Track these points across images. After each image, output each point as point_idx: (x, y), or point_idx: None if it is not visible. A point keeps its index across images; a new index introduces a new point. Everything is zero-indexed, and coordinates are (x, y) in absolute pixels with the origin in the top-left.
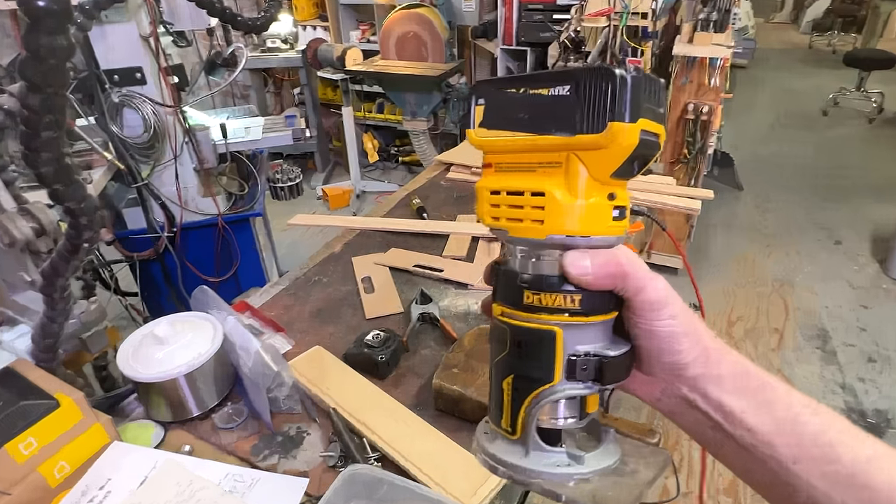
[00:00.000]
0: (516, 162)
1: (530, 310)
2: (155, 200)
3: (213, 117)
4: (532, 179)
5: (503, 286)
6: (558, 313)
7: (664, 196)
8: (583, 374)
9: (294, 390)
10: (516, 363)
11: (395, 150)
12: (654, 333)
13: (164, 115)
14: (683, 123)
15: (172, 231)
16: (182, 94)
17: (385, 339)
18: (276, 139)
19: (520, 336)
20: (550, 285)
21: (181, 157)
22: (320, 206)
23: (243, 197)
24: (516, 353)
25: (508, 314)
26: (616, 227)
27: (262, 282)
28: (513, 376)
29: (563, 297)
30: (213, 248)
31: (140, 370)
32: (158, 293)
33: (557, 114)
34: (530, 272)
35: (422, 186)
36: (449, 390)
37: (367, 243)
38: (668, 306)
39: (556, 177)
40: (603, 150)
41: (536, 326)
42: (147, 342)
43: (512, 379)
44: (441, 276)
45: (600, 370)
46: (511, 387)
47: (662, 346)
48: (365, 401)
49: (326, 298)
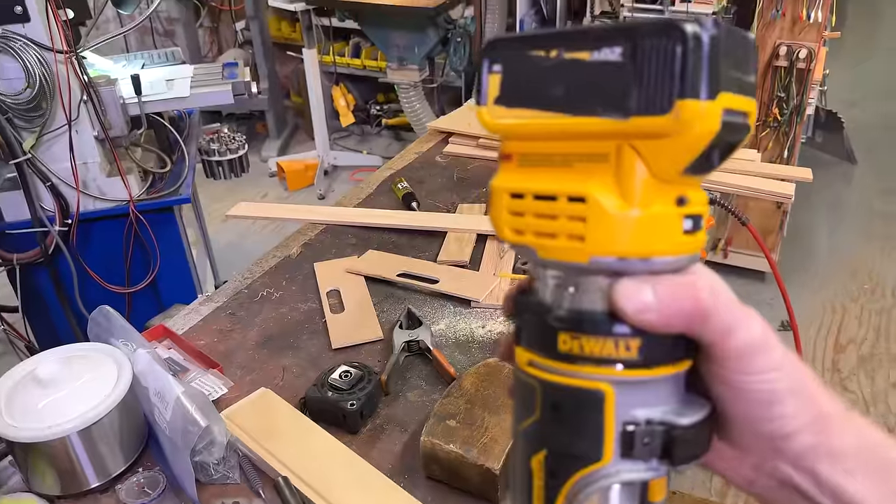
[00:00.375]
0: (547, 153)
1: (569, 360)
2: (42, 182)
3: (122, 66)
4: (569, 179)
5: (529, 325)
6: (608, 365)
7: (745, 177)
8: (644, 451)
9: (230, 452)
10: (550, 434)
11: (376, 109)
12: (746, 393)
13: (53, 64)
14: (773, 73)
15: (66, 224)
16: (80, 33)
17: (358, 379)
18: (210, 96)
19: (555, 396)
20: (596, 326)
21: (78, 121)
22: (274, 187)
23: (165, 176)
24: (550, 418)
25: (538, 364)
26: (689, 243)
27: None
28: (545, 452)
29: (614, 342)
30: (122, 248)
31: (16, 425)
32: (47, 309)
33: (605, 88)
34: (567, 307)
35: (411, 164)
36: (444, 452)
37: (335, 243)
38: (766, 353)
39: (602, 175)
40: (670, 139)
41: (578, 384)
42: (26, 386)
43: (544, 456)
44: (435, 289)
45: (669, 445)
46: (543, 467)
47: (759, 410)
48: (328, 466)
49: (278, 321)
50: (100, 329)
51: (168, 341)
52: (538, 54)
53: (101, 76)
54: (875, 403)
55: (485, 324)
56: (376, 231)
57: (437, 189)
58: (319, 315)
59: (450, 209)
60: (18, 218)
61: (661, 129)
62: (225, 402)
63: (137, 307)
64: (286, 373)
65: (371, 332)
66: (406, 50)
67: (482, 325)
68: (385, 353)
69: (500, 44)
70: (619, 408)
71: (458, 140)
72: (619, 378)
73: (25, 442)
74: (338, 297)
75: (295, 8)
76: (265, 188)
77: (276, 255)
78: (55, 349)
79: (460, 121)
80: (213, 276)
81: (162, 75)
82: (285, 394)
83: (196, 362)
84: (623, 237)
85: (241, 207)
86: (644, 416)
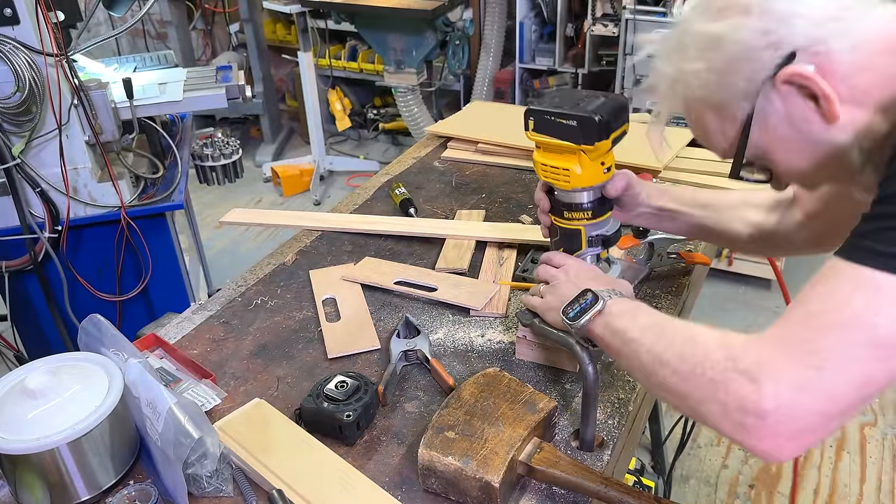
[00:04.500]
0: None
1: (568, 219)
2: (32, 187)
3: (114, 69)
4: (562, 160)
5: (555, 207)
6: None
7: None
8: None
9: (223, 464)
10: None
11: (373, 113)
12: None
13: (43, 68)
14: None
15: (56, 230)
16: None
17: (354, 389)
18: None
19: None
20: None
21: (68, 126)
22: (269, 192)
23: (157, 182)
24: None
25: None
26: (605, 175)
27: (183, 304)
28: (563, 248)
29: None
30: (113, 255)
31: (4, 437)
32: (36, 318)
33: (571, 133)
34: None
35: (408, 169)
36: (442, 464)
37: (331, 250)
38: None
39: (573, 160)
40: (594, 151)
41: (571, 226)
42: (15, 397)
43: (562, 249)
44: (433, 297)
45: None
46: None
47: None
48: (324, 478)
49: (273, 330)
50: (90, 338)
51: (160, 350)
52: (548, 117)
53: (93, 80)
54: (884, 413)
55: (484, 332)
56: (373, 238)
57: (436, 195)
58: (315, 324)
59: (448, 215)
60: (7, 224)
61: (591, 149)
62: (218, 412)
63: (129, 316)
64: (281, 383)
65: (368, 341)
66: (403, 53)
67: (481, 334)
68: (382, 363)
69: (534, 111)
70: (586, 232)
71: (456, 145)
72: (585, 223)
73: (14, 454)
74: (334, 305)
75: (290, 10)
76: (259, 194)
77: (271, 262)
78: (44, 359)
79: (459, 125)
80: (207, 283)
81: (154, 79)
82: (280, 404)
83: (189, 372)
84: (581, 180)
85: (234, 213)
86: (594, 233)
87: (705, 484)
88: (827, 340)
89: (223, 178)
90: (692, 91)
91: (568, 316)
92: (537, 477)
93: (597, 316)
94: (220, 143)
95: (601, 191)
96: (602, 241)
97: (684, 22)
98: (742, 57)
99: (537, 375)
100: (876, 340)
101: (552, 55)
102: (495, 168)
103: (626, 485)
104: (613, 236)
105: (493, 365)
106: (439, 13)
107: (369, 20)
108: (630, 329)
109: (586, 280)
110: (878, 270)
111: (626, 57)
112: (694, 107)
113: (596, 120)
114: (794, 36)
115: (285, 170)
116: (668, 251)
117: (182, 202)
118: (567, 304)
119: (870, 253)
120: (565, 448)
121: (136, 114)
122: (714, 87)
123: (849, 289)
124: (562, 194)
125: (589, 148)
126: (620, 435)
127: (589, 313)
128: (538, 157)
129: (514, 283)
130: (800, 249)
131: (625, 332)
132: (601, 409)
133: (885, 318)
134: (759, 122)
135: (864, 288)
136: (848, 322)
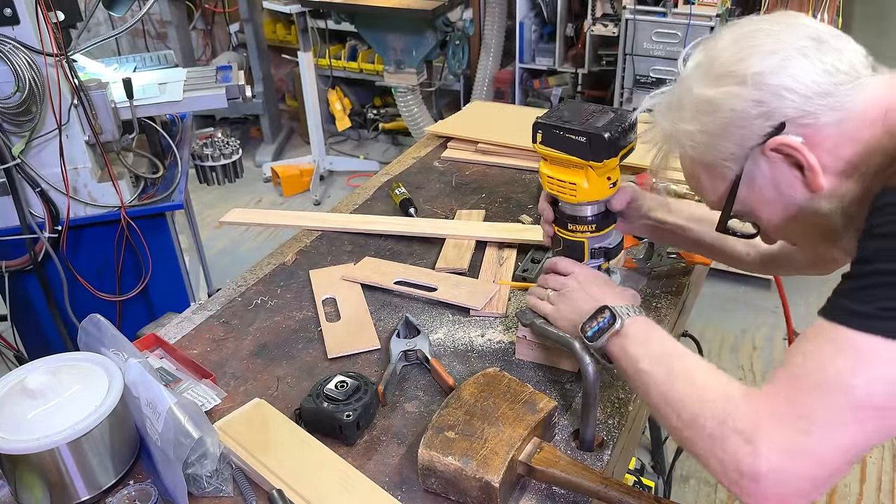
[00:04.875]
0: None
1: (572, 231)
2: (32, 187)
3: (114, 69)
4: (568, 174)
5: (560, 218)
6: (584, 232)
7: None
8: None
9: (223, 464)
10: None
11: (373, 113)
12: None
13: (43, 68)
14: None
15: (56, 230)
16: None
17: (354, 389)
18: (203, 99)
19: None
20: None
21: (68, 126)
22: (269, 192)
23: (157, 182)
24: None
25: (561, 232)
26: (611, 190)
27: (182, 304)
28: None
29: (586, 225)
30: (113, 255)
31: (4, 437)
32: (36, 318)
33: (580, 149)
34: (570, 213)
35: (408, 169)
36: (442, 464)
37: (331, 250)
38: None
39: (581, 174)
40: (602, 168)
41: (575, 238)
42: (15, 397)
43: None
44: (433, 297)
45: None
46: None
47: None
48: (324, 478)
49: (273, 329)
50: (90, 338)
51: (160, 350)
52: (556, 131)
53: (92, 80)
54: None
55: (484, 332)
56: (373, 238)
57: (436, 195)
58: (315, 324)
59: (448, 215)
60: (7, 224)
61: (599, 166)
62: (218, 412)
63: (128, 316)
64: (281, 383)
65: (368, 341)
66: (403, 53)
67: (481, 334)
68: (382, 363)
69: (542, 125)
70: (589, 244)
71: (456, 145)
72: (588, 236)
73: (14, 454)
74: (334, 305)
75: (290, 10)
76: (259, 194)
77: (271, 262)
78: (44, 359)
79: (459, 125)
80: (206, 283)
81: (154, 79)
82: (280, 404)
83: (188, 372)
84: (588, 194)
85: (234, 213)
86: (597, 245)
87: (705, 484)
88: (813, 403)
89: (223, 178)
90: (685, 149)
91: (586, 335)
92: (537, 477)
93: (614, 336)
94: (220, 143)
95: (605, 204)
96: (604, 253)
97: (686, 80)
98: (734, 123)
99: (537, 375)
100: (854, 402)
101: (552, 55)
102: (495, 168)
103: (625, 485)
104: (615, 249)
105: (493, 365)
106: (439, 13)
107: (369, 20)
108: (642, 359)
109: (596, 289)
110: (856, 331)
111: (626, 57)
112: (687, 162)
113: (606, 137)
114: (786, 108)
115: (285, 170)
116: (668, 251)
117: (182, 202)
118: (585, 322)
119: (847, 313)
120: (565, 448)
121: (136, 114)
122: (705, 149)
123: (830, 349)
124: (566, 207)
125: (597, 164)
126: (620, 435)
127: (607, 334)
128: (545, 169)
129: (514, 282)
130: (801, 270)
131: (637, 361)
132: (601, 409)
133: (861, 379)
134: (746, 183)
135: (844, 349)
136: (831, 384)
